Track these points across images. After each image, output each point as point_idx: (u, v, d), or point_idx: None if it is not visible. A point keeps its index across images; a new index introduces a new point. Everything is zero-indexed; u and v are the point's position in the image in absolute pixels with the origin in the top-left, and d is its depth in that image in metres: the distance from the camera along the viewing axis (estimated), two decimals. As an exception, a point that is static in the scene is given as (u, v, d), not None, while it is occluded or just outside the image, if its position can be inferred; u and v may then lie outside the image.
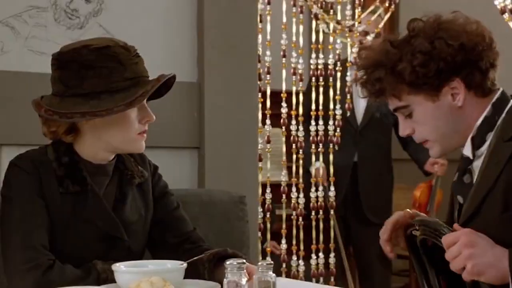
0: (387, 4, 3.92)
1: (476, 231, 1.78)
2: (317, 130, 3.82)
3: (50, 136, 2.10)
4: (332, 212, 3.89)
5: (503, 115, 1.92)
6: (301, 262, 3.78)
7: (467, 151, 1.95)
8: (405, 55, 1.90)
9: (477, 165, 1.94)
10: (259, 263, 1.69)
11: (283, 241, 3.70)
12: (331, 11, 3.86)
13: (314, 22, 3.89)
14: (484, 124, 1.92)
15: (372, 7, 4.07)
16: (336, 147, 3.84)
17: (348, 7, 4.02)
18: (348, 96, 3.91)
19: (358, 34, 4.00)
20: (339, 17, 3.92)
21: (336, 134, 3.83)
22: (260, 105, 3.45)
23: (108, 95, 2.01)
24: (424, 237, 1.97)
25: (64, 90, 2.04)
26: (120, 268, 1.85)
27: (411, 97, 1.93)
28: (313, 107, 3.81)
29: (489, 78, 1.93)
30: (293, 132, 3.72)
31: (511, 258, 1.73)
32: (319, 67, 3.86)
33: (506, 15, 3.55)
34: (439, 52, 1.88)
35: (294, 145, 3.72)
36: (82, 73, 2.02)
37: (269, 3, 3.64)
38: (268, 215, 3.63)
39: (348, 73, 3.97)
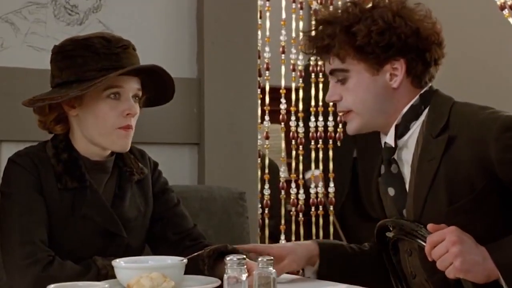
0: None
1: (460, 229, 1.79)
2: (316, 127, 3.81)
3: (41, 126, 2.11)
4: (331, 208, 3.88)
5: (426, 110, 1.94)
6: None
7: (390, 139, 1.98)
8: (364, 19, 1.94)
9: (405, 158, 1.96)
10: (259, 259, 1.68)
11: (282, 237, 3.70)
12: (331, 7, 3.85)
13: (314, 18, 3.88)
14: (409, 113, 1.95)
15: (372, 3, 4.07)
16: (338, 143, 3.83)
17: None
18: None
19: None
20: (339, 13, 3.91)
21: (338, 129, 3.82)
22: (259, 101, 3.45)
23: (78, 83, 2.01)
24: (399, 237, 1.97)
25: (52, 81, 2.08)
26: (120, 264, 1.85)
27: (354, 63, 1.95)
28: (313, 103, 3.81)
29: (429, 73, 1.97)
30: (293, 128, 3.72)
31: (493, 256, 1.73)
32: (319, 63, 3.85)
33: (506, 11, 3.55)
34: (397, 27, 1.92)
35: (293, 141, 3.72)
36: (62, 63, 2.04)
37: (268, -1, 3.64)
38: (266, 211, 3.63)
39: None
